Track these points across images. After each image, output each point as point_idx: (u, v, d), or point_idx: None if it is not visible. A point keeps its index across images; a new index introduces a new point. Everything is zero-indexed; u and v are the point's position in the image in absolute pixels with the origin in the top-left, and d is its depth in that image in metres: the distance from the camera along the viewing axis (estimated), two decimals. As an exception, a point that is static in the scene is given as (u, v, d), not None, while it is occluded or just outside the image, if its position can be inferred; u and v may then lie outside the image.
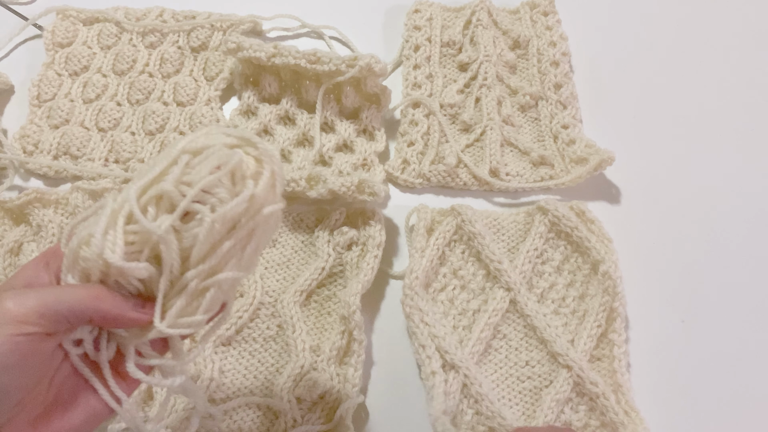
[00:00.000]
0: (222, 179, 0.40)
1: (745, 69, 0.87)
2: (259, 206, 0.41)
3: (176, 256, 0.39)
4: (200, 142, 0.41)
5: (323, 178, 0.69)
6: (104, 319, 0.39)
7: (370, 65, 0.73)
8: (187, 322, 0.40)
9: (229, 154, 0.40)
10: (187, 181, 0.40)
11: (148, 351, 0.42)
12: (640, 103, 0.83)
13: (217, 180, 0.39)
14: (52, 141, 0.78)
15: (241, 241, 0.41)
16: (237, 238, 0.40)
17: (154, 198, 0.40)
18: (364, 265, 0.67)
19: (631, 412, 0.59)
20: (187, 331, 0.41)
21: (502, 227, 0.71)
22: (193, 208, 0.39)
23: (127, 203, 0.39)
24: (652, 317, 0.67)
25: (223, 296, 0.42)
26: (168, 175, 0.40)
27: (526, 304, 0.65)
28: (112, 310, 0.39)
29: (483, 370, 0.62)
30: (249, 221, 0.41)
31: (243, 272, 0.42)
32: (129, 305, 0.40)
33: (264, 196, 0.41)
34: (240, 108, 0.81)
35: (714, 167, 0.78)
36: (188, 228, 0.39)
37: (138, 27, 0.87)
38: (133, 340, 0.41)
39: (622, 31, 0.91)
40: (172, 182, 0.40)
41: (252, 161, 0.42)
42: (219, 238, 0.40)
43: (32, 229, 0.70)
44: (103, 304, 0.39)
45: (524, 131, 0.81)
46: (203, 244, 0.39)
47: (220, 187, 0.40)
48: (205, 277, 0.40)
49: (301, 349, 0.62)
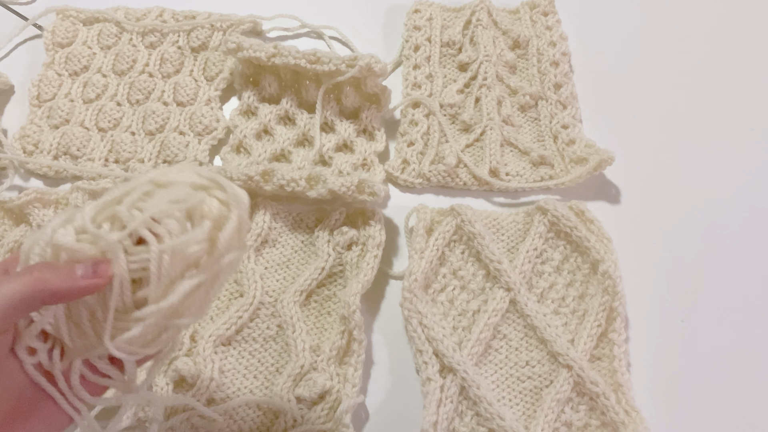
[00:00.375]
0: (174, 212, 0.39)
1: (746, 69, 0.87)
2: (223, 250, 0.40)
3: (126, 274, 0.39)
4: (169, 177, 0.41)
5: (323, 178, 0.69)
6: (56, 297, 0.38)
7: (370, 65, 0.73)
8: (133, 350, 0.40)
9: (190, 193, 0.40)
10: (141, 207, 0.40)
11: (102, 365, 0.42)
12: (640, 103, 0.83)
13: (169, 211, 0.39)
14: (52, 141, 0.78)
15: (204, 285, 0.40)
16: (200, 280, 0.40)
17: (108, 218, 0.40)
18: (364, 265, 0.67)
19: (632, 411, 0.59)
20: (130, 359, 0.41)
21: (501, 227, 0.71)
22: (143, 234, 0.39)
23: (79, 214, 0.39)
24: (652, 317, 0.67)
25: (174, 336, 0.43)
26: (125, 199, 0.40)
27: (526, 304, 0.65)
28: (61, 285, 0.37)
29: (483, 370, 0.62)
30: (213, 265, 0.40)
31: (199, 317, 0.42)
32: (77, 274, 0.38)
33: (228, 242, 0.40)
34: (240, 108, 0.81)
35: (714, 167, 0.78)
36: (138, 251, 0.39)
37: (138, 27, 0.87)
38: (79, 354, 0.41)
39: (622, 31, 0.91)
40: (127, 205, 0.40)
41: (216, 204, 0.41)
42: (174, 273, 0.39)
43: (32, 229, 0.70)
44: (48, 283, 0.37)
45: (524, 131, 0.81)
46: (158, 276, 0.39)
47: (171, 220, 0.39)
48: (166, 315, 0.40)
49: (301, 349, 0.62)
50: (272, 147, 0.77)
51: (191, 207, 0.40)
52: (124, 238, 0.39)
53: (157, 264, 0.38)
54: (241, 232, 0.42)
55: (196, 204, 0.40)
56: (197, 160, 0.77)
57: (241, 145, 0.78)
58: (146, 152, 0.78)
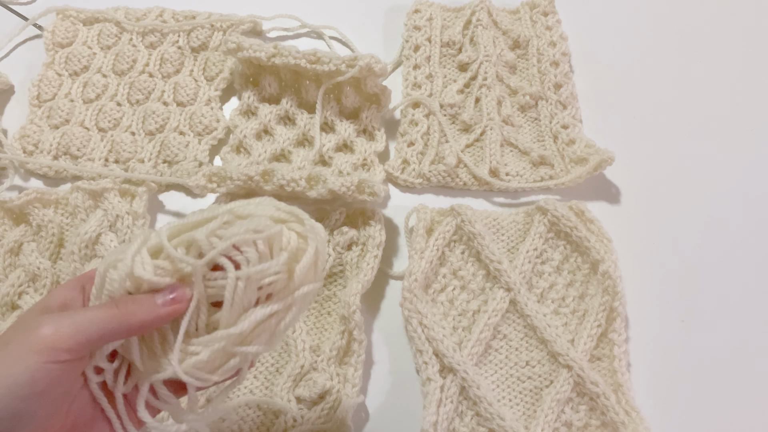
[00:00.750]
0: (255, 241, 0.40)
1: (746, 69, 0.87)
2: (299, 283, 0.41)
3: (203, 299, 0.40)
4: (248, 209, 0.42)
5: (323, 178, 0.69)
6: (141, 330, 0.39)
7: (370, 65, 0.73)
8: (201, 376, 0.40)
9: (269, 224, 0.40)
10: (220, 235, 0.40)
11: (163, 392, 0.42)
12: (640, 103, 0.83)
13: (249, 240, 0.40)
14: (52, 141, 0.78)
15: (277, 315, 0.41)
16: (272, 310, 0.40)
17: (185, 242, 0.40)
18: (364, 265, 0.67)
19: (632, 411, 0.59)
20: (197, 384, 0.41)
21: (501, 227, 0.71)
22: (221, 262, 0.39)
23: (156, 236, 0.40)
24: (652, 317, 0.67)
25: (243, 364, 0.42)
26: (204, 227, 0.41)
27: (526, 304, 0.65)
28: (145, 318, 0.39)
29: (483, 370, 0.62)
30: (287, 296, 0.41)
31: (271, 347, 0.42)
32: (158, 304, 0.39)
33: (304, 274, 0.41)
34: (240, 108, 0.81)
35: (714, 167, 0.78)
36: (214, 277, 0.40)
37: (138, 27, 0.87)
38: (148, 376, 0.41)
39: (622, 31, 0.91)
40: (205, 233, 0.40)
41: (294, 237, 0.42)
42: (248, 301, 0.40)
43: (32, 229, 0.70)
44: (133, 318, 0.38)
45: (524, 131, 0.81)
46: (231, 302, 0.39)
47: (251, 248, 0.40)
48: (234, 342, 0.40)
49: (301, 349, 0.62)
50: (272, 147, 0.77)
51: (270, 237, 0.40)
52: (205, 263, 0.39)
53: (232, 290, 0.39)
54: (317, 265, 0.42)
55: (275, 235, 0.40)
56: (197, 160, 0.77)
57: (241, 145, 0.78)
58: (146, 152, 0.78)
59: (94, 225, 0.68)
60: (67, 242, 0.69)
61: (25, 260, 0.68)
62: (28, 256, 0.68)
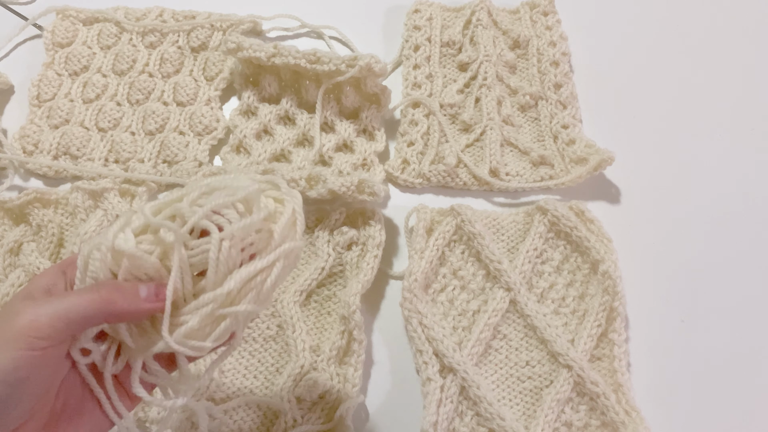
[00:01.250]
0: (234, 204, 0.41)
1: (745, 69, 0.87)
2: (280, 240, 0.42)
3: (186, 267, 0.40)
4: (225, 182, 0.43)
5: (323, 178, 0.69)
6: (119, 318, 0.39)
7: (370, 65, 0.73)
8: (194, 345, 0.40)
9: (246, 186, 0.42)
10: (201, 204, 0.41)
11: (155, 368, 0.42)
12: (640, 103, 0.83)
13: (229, 203, 0.41)
14: (52, 141, 0.78)
15: (261, 273, 0.41)
16: (256, 268, 0.41)
17: (168, 216, 0.41)
18: (364, 265, 0.67)
19: (632, 411, 0.59)
20: (192, 353, 0.41)
21: (501, 227, 0.71)
22: (204, 225, 0.40)
23: (139, 212, 0.41)
24: (652, 317, 0.67)
25: (235, 327, 0.42)
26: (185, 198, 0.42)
27: (526, 304, 0.65)
28: (126, 307, 0.39)
29: (483, 370, 0.62)
30: (269, 253, 0.41)
31: (260, 306, 0.42)
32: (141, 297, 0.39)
33: (284, 232, 0.42)
34: (240, 108, 0.81)
35: (714, 167, 0.78)
36: (199, 244, 0.40)
37: (138, 27, 0.87)
38: (140, 353, 0.41)
39: (622, 31, 0.91)
40: (188, 202, 0.41)
41: (272, 201, 0.43)
42: (233, 262, 0.40)
43: (32, 229, 0.70)
44: (114, 305, 0.38)
45: (524, 131, 0.81)
46: (216, 263, 0.39)
47: (231, 209, 0.41)
48: (222, 304, 0.40)
49: (301, 349, 0.62)
50: (272, 147, 0.77)
51: (249, 199, 0.41)
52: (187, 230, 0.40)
53: (217, 251, 0.39)
54: (296, 224, 0.44)
55: (254, 195, 0.41)
56: (197, 160, 0.77)
57: (241, 145, 0.78)
58: (146, 152, 0.78)
59: (94, 225, 0.68)
60: (67, 242, 0.69)
61: (25, 260, 0.68)
62: (27, 256, 0.68)
